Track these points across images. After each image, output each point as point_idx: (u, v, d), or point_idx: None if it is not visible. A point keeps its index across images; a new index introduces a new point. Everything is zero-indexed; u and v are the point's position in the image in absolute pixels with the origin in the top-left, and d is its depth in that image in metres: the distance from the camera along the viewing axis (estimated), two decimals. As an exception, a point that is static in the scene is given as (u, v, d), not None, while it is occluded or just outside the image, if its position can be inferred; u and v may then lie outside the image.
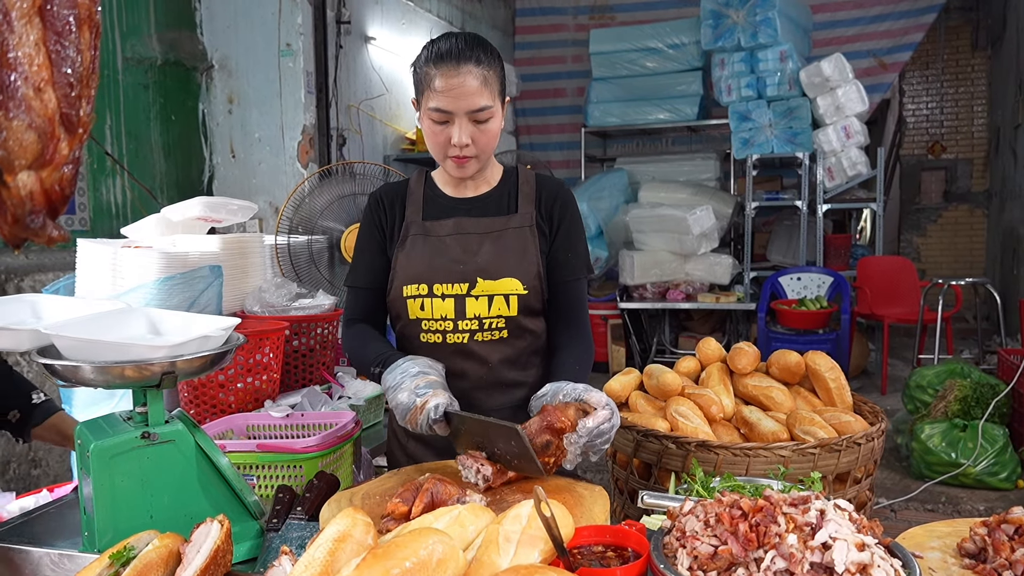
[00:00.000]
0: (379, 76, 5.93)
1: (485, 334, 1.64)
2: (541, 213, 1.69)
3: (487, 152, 1.62)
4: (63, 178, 0.68)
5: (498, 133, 1.61)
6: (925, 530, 1.25)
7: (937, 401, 4.48)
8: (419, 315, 1.65)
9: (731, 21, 6.55)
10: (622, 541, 1.12)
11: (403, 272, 1.66)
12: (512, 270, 1.63)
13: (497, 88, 1.58)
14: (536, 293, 1.65)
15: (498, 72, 1.58)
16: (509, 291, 1.62)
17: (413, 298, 1.64)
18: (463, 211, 1.69)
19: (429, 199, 1.72)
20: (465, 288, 1.62)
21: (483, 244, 1.65)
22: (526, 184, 1.72)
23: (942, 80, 10.07)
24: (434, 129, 1.58)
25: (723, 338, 7.01)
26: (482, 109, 1.54)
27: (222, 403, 1.94)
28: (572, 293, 1.69)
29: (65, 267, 3.52)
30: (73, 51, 0.66)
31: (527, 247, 1.65)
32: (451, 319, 1.63)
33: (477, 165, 1.63)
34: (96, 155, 3.87)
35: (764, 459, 1.87)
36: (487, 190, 1.72)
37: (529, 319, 1.67)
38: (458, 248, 1.65)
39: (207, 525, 1.13)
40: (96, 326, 1.28)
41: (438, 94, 1.53)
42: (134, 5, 4.12)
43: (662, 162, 7.75)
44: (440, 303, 1.63)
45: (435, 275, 1.63)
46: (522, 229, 1.66)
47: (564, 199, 1.72)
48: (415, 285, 1.64)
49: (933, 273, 9.28)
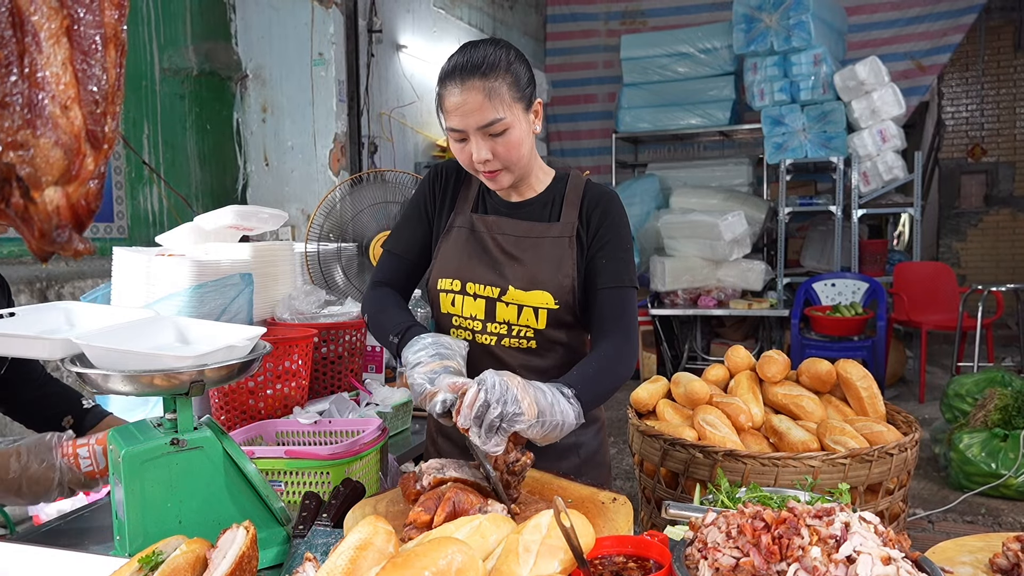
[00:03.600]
0: (410, 84, 5.98)
1: (513, 340, 1.62)
2: (583, 221, 1.63)
3: (515, 162, 1.55)
4: (89, 193, 0.70)
5: (522, 142, 1.54)
6: (956, 544, 1.22)
7: (976, 410, 4.38)
8: (450, 310, 1.64)
9: (764, 25, 6.49)
10: (644, 552, 1.11)
11: (441, 264, 1.66)
12: (545, 283, 1.58)
13: (510, 97, 1.50)
14: (568, 308, 1.60)
15: (510, 80, 1.51)
16: (539, 304, 1.59)
17: (446, 292, 1.63)
18: (510, 213, 1.66)
19: (483, 193, 1.70)
20: (497, 292, 1.60)
21: (521, 251, 1.62)
22: (573, 191, 1.66)
23: (982, 82, 9.86)
24: (457, 147, 1.55)
25: (756, 345, 6.94)
26: (492, 123, 1.49)
27: (252, 409, 1.97)
28: (610, 301, 1.58)
29: (103, 274, 3.60)
30: (99, 69, 0.68)
31: (563, 259, 1.60)
32: (481, 319, 1.62)
33: (509, 176, 1.57)
34: (134, 164, 3.95)
35: (793, 469, 1.84)
36: (532, 196, 1.68)
37: (560, 332, 1.63)
38: (497, 250, 1.63)
39: (233, 531, 1.14)
40: (125, 335, 1.31)
41: (449, 114, 1.52)
42: (171, 18, 4.20)
43: (694, 167, 7.71)
44: (471, 302, 1.62)
45: (470, 273, 1.62)
46: (561, 239, 1.61)
47: (606, 207, 1.63)
48: (450, 280, 1.63)
49: (973, 279, 9.08)
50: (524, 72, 1.55)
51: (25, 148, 0.62)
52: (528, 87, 1.56)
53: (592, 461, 1.74)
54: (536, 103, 1.58)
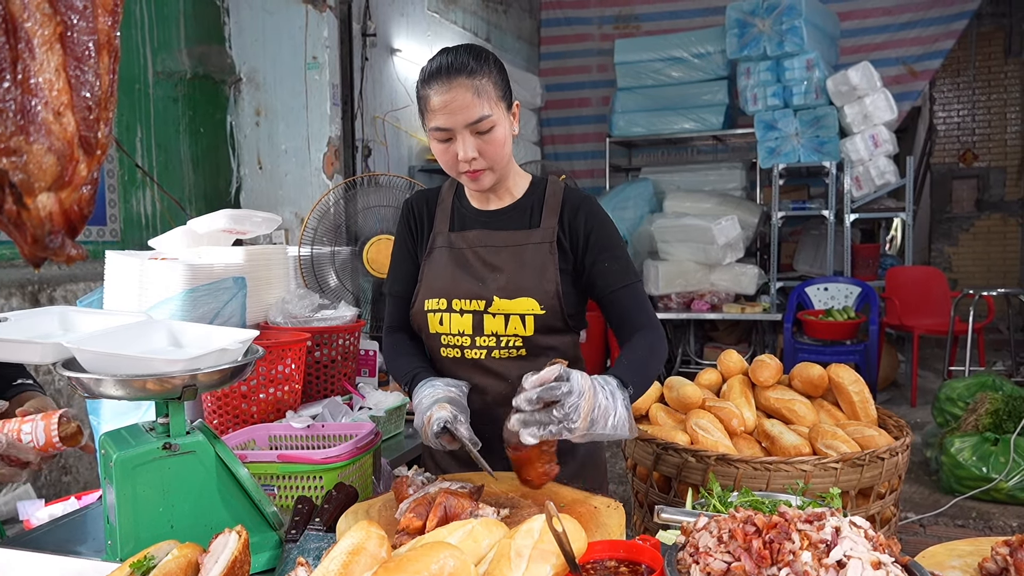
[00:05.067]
0: (404, 88, 5.98)
1: (502, 351, 1.62)
2: (563, 227, 1.64)
3: (498, 161, 1.57)
4: (81, 198, 0.70)
5: (505, 141, 1.56)
6: (946, 548, 1.23)
7: (968, 414, 4.40)
8: (438, 329, 1.65)
9: (757, 30, 6.52)
10: (636, 556, 1.12)
11: (426, 286, 1.67)
12: (529, 289, 1.59)
13: (495, 95, 1.53)
14: (555, 312, 1.60)
15: (494, 79, 1.54)
16: (525, 311, 1.59)
17: (433, 312, 1.64)
18: (487, 224, 1.67)
19: (457, 210, 1.72)
20: (483, 305, 1.61)
21: (502, 260, 1.63)
22: (552, 197, 1.67)
23: (974, 87, 9.92)
24: (440, 148, 1.56)
25: (749, 349, 6.95)
26: (480, 120, 1.50)
27: (245, 413, 1.97)
28: (627, 299, 1.61)
29: (96, 278, 3.59)
30: (92, 75, 0.68)
31: (546, 265, 1.61)
32: (469, 335, 1.62)
33: (492, 177, 1.59)
34: (127, 167, 3.94)
35: (785, 473, 1.85)
36: (511, 202, 1.69)
37: (549, 337, 1.63)
38: (478, 263, 1.63)
39: (225, 536, 1.14)
40: (117, 339, 1.30)
41: (435, 113, 1.52)
42: (165, 21, 4.20)
43: (687, 172, 7.72)
44: (459, 318, 1.62)
45: (455, 290, 1.63)
46: (542, 245, 1.62)
47: (588, 209, 1.65)
48: (436, 299, 1.64)
49: (965, 283, 9.13)
50: (504, 74, 1.59)
51: (18, 154, 0.62)
52: (508, 88, 1.60)
53: (590, 463, 1.74)
54: (515, 105, 1.62)
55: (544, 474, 1.37)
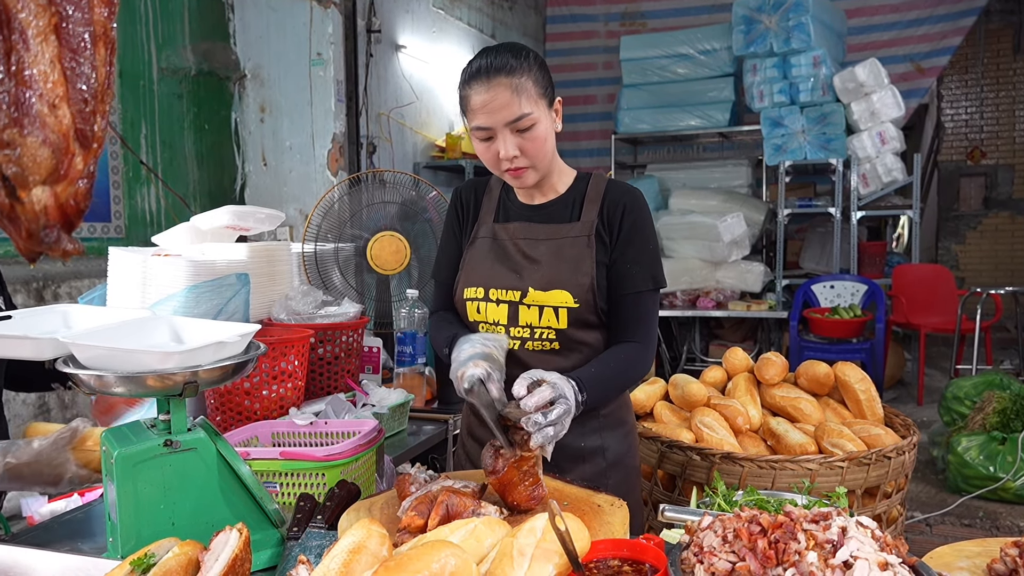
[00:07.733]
0: (409, 84, 5.97)
1: (536, 343, 1.63)
2: (603, 220, 1.64)
3: (540, 159, 1.59)
4: (78, 192, 0.69)
5: (547, 138, 1.58)
6: (953, 549, 1.21)
7: (975, 413, 4.38)
8: (476, 317, 1.67)
9: (763, 27, 6.49)
10: (639, 555, 1.11)
11: (466, 274, 1.70)
12: (564, 282, 1.60)
13: (536, 92, 1.55)
14: (588, 306, 1.60)
15: (535, 76, 1.55)
16: (559, 303, 1.60)
17: (471, 300, 1.67)
18: (530, 218, 1.69)
19: (503, 202, 1.75)
20: (518, 295, 1.62)
21: (541, 253, 1.64)
22: (594, 190, 1.68)
23: (982, 84, 9.87)
24: (483, 147, 1.59)
25: (754, 346, 6.93)
26: (520, 118, 1.52)
27: (247, 410, 1.96)
28: (629, 307, 1.62)
29: (100, 274, 3.60)
30: (88, 68, 0.67)
31: (582, 258, 1.61)
32: (504, 324, 1.64)
33: (535, 175, 1.61)
34: (131, 164, 3.94)
35: (791, 472, 1.84)
36: (554, 197, 1.70)
37: (582, 331, 1.63)
38: (518, 255, 1.66)
39: (226, 533, 1.13)
40: (116, 335, 1.30)
41: (475, 112, 1.55)
42: (169, 17, 4.19)
43: (693, 169, 7.69)
44: (494, 307, 1.64)
45: (493, 279, 1.65)
46: (580, 239, 1.63)
47: (629, 204, 1.64)
48: (474, 288, 1.66)
49: (972, 281, 9.09)
50: (545, 71, 1.60)
51: (12, 147, 0.61)
52: (549, 85, 1.60)
53: (620, 464, 1.72)
54: (557, 101, 1.63)
55: (531, 497, 1.32)
